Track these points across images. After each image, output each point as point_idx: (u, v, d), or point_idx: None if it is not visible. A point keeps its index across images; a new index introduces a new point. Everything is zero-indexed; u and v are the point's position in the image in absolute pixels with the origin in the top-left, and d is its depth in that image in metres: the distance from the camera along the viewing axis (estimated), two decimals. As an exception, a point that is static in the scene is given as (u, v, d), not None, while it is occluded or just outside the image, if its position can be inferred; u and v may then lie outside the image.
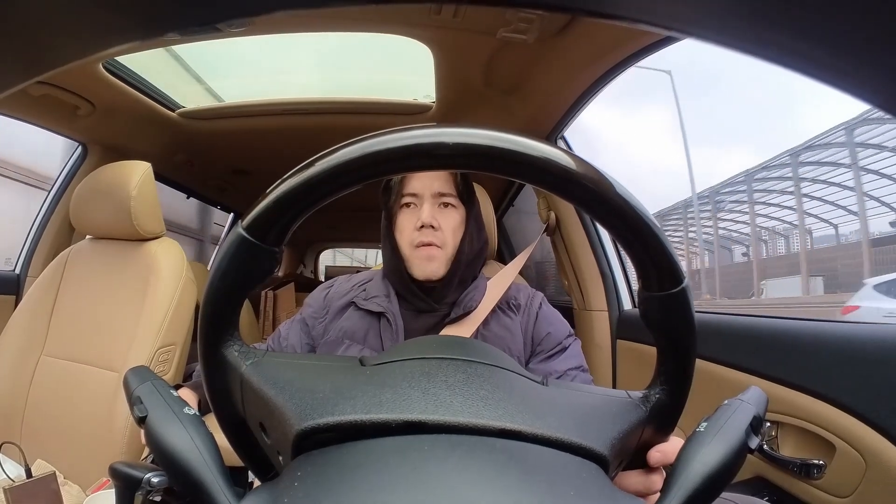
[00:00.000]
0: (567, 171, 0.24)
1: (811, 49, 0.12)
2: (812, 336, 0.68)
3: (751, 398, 0.31)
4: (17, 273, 1.40)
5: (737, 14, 0.12)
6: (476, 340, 0.53)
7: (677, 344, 0.29)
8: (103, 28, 0.14)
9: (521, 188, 1.80)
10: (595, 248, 1.26)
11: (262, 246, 0.27)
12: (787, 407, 0.68)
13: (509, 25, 0.87)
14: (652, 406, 0.31)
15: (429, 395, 0.27)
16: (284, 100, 1.35)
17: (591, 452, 0.26)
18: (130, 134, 1.41)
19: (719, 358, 0.81)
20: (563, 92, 1.08)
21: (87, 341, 1.06)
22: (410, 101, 1.32)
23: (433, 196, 0.70)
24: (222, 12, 0.14)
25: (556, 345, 0.70)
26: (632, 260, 0.28)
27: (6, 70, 0.15)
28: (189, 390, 0.66)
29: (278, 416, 0.27)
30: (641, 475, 0.34)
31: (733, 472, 0.27)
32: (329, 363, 0.32)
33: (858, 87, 0.12)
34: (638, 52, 0.88)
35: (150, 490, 0.36)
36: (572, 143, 1.30)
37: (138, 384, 0.33)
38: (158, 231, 1.10)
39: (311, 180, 0.25)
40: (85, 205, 1.10)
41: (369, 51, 1.21)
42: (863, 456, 0.58)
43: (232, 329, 0.30)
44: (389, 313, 0.70)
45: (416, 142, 0.24)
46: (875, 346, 0.60)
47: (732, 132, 55.51)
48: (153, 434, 0.30)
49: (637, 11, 0.13)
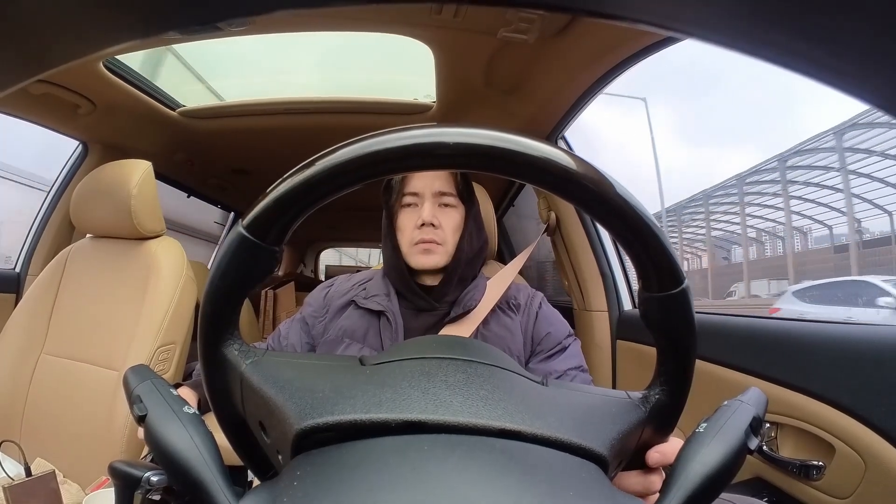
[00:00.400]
0: (567, 170, 0.24)
1: (811, 49, 0.12)
2: (812, 337, 0.68)
3: (750, 399, 0.31)
4: (18, 271, 1.40)
5: (737, 14, 0.12)
6: (476, 340, 0.53)
7: (677, 344, 0.29)
8: (104, 26, 0.14)
9: (522, 188, 1.80)
10: (595, 249, 1.26)
11: (263, 245, 0.27)
12: (787, 408, 0.68)
13: (510, 25, 0.87)
14: (652, 406, 0.31)
15: (428, 395, 0.27)
16: (285, 99, 1.35)
17: (590, 452, 0.26)
18: (131, 133, 1.41)
19: (719, 359, 0.81)
20: (563, 92, 1.08)
21: (87, 340, 1.06)
22: (411, 101, 1.32)
23: (434, 195, 0.71)
24: (223, 11, 0.14)
25: (555, 345, 0.70)
26: (632, 260, 0.28)
27: (6, 68, 0.15)
28: (189, 389, 0.66)
29: (278, 415, 0.27)
30: (640, 475, 0.34)
31: (733, 473, 0.27)
32: (329, 363, 0.32)
33: (858, 87, 0.12)
34: (638, 53, 0.88)
35: (149, 489, 0.36)
36: (573, 143, 1.30)
37: (138, 383, 0.33)
38: (159, 230, 1.10)
39: (311, 180, 0.25)
40: (85, 203, 1.10)
41: (370, 50, 1.21)
42: (862, 457, 0.58)
43: (232, 328, 0.30)
44: (389, 312, 0.70)
45: (416, 142, 0.24)
46: (875, 348, 0.60)
47: (732, 132, 55.55)
48: (153, 433, 0.30)
49: (638, 12, 0.13)
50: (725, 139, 55.61)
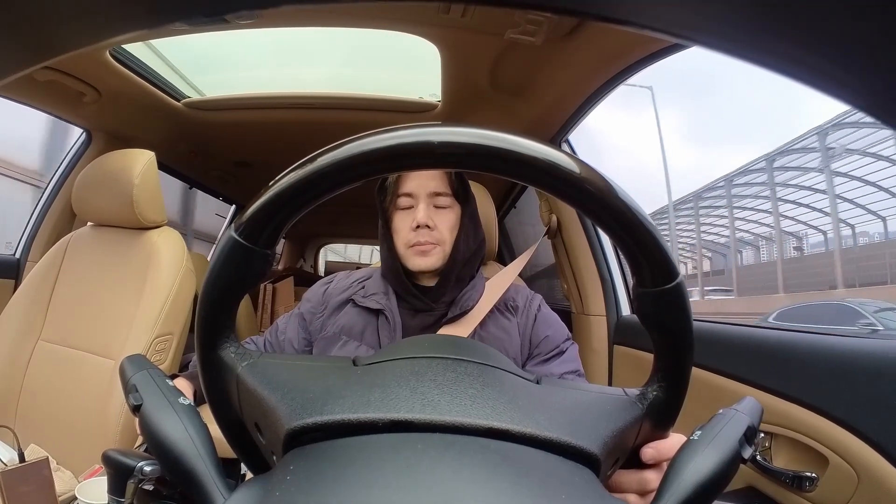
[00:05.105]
0: (551, 164, 0.24)
1: (822, 63, 0.12)
2: (809, 348, 0.68)
3: (745, 408, 0.31)
4: (17, 257, 1.40)
5: (748, 25, 0.12)
6: (470, 340, 0.53)
7: (674, 340, 0.29)
8: (111, 15, 0.14)
9: (524, 190, 1.80)
10: (595, 253, 1.26)
11: (255, 249, 0.27)
12: (782, 418, 0.68)
13: (517, 27, 0.87)
14: (649, 403, 0.30)
15: (417, 394, 0.27)
16: (290, 93, 1.35)
17: (580, 451, 0.25)
18: (135, 122, 1.41)
19: (715, 367, 0.81)
20: (569, 95, 1.07)
21: (84, 328, 1.06)
22: (416, 99, 1.32)
23: (428, 196, 0.70)
24: (230, 4, 0.14)
25: (553, 348, 0.70)
26: (624, 255, 0.27)
27: (13, 54, 0.15)
28: (185, 380, 0.66)
29: (271, 415, 0.27)
30: (636, 473, 0.33)
31: (726, 482, 0.27)
32: (323, 364, 0.32)
33: (854, 94, 0.12)
34: (645, 59, 0.88)
35: (142, 478, 0.36)
36: (575, 142, 1.29)
37: (134, 372, 0.33)
38: (160, 220, 1.10)
39: (299, 183, 0.25)
40: (87, 191, 1.10)
41: (376, 47, 1.21)
42: (855, 470, 0.58)
43: (228, 331, 0.30)
44: (388, 311, 0.70)
45: (402, 142, 0.24)
46: (871, 361, 0.60)
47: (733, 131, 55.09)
48: (147, 423, 0.30)
49: (646, 18, 0.13)
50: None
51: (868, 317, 5.96)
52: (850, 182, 13.53)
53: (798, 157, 14.23)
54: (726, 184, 16.61)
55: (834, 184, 13.59)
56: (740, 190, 16.78)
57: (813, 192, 14.61)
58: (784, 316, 7.08)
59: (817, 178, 14.25)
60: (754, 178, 16.12)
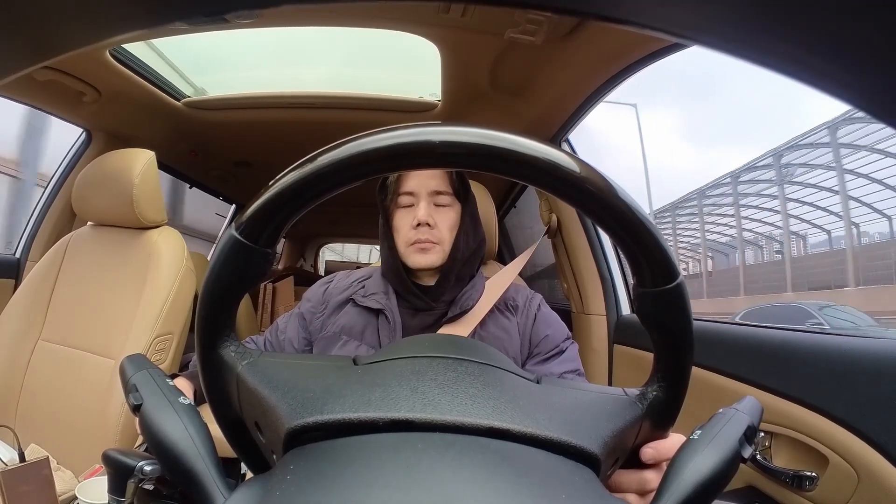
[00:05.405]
0: (550, 163, 0.24)
1: (821, 62, 0.12)
2: (809, 348, 0.68)
3: (745, 407, 0.31)
4: (17, 257, 1.40)
5: (748, 25, 0.12)
6: (470, 339, 0.53)
7: (674, 340, 0.29)
8: (111, 15, 0.14)
9: (524, 189, 1.80)
10: (596, 252, 1.26)
11: (255, 248, 0.27)
12: (782, 418, 0.68)
13: (517, 26, 0.87)
14: (649, 403, 0.30)
15: (417, 394, 0.27)
16: (290, 93, 1.35)
17: (581, 451, 0.25)
18: (135, 122, 1.41)
19: (715, 366, 0.81)
20: (569, 95, 1.07)
21: (84, 327, 1.06)
22: (416, 99, 1.32)
23: (429, 194, 0.71)
24: (230, 3, 0.14)
25: (553, 347, 0.70)
26: (625, 255, 0.27)
27: (12, 54, 0.15)
28: (185, 380, 0.67)
29: (271, 415, 0.27)
30: (636, 473, 0.33)
31: (726, 481, 0.27)
32: (323, 363, 0.32)
33: (854, 94, 0.12)
34: (645, 58, 0.88)
35: (142, 478, 0.36)
36: (576, 143, 1.29)
37: (134, 372, 0.33)
38: (159, 220, 1.10)
39: (298, 183, 0.25)
40: (87, 191, 1.10)
41: (376, 47, 1.21)
42: (855, 470, 0.58)
43: (228, 330, 0.30)
44: (388, 310, 0.70)
45: (401, 141, 0.24)
46: (872, 361, 0.60)
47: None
48: (148, 422, 0.30)
49: (646, 18, 0.13)
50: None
51: (815, 315, 6.71)
52: (811, 192, 14.38)
53: (761, 173, 15.25)
54: (699, 196, 17.70)
55: (787, 199, 14.56)
56: (717, 199, 18.26)
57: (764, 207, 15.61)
58: (749, 315, 7.57)
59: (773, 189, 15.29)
60: (726, 191, 17.57)
